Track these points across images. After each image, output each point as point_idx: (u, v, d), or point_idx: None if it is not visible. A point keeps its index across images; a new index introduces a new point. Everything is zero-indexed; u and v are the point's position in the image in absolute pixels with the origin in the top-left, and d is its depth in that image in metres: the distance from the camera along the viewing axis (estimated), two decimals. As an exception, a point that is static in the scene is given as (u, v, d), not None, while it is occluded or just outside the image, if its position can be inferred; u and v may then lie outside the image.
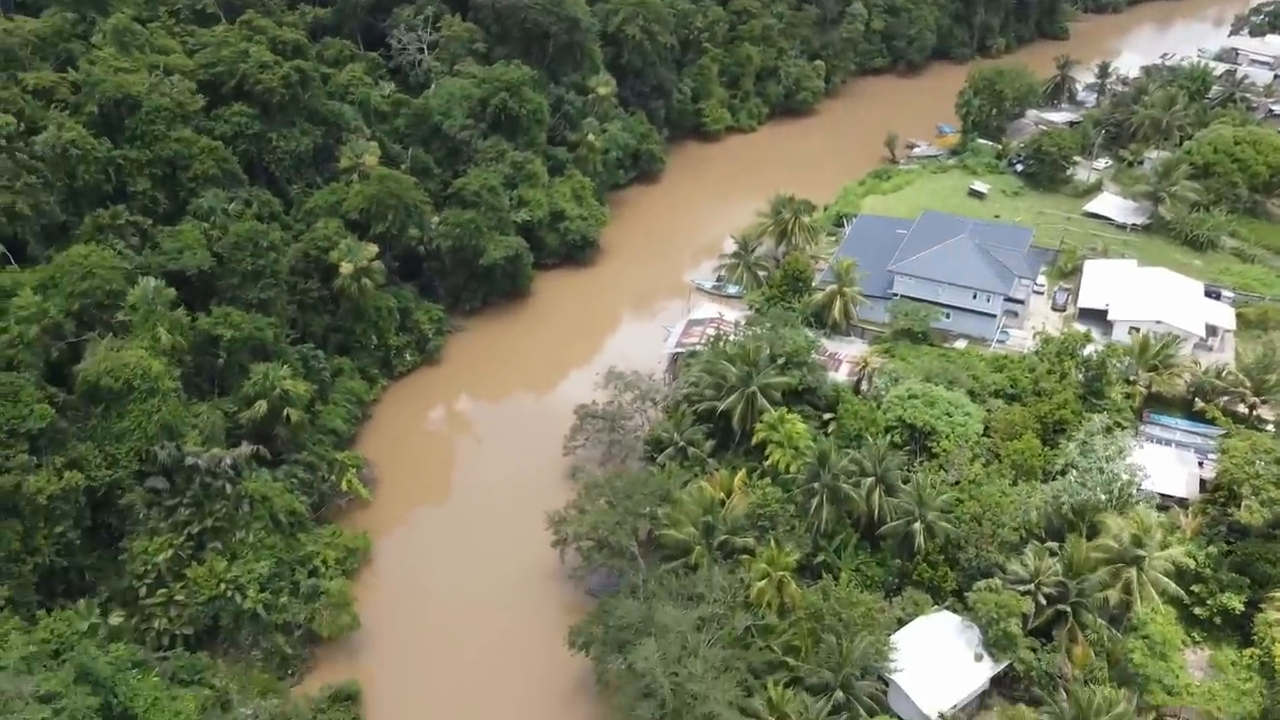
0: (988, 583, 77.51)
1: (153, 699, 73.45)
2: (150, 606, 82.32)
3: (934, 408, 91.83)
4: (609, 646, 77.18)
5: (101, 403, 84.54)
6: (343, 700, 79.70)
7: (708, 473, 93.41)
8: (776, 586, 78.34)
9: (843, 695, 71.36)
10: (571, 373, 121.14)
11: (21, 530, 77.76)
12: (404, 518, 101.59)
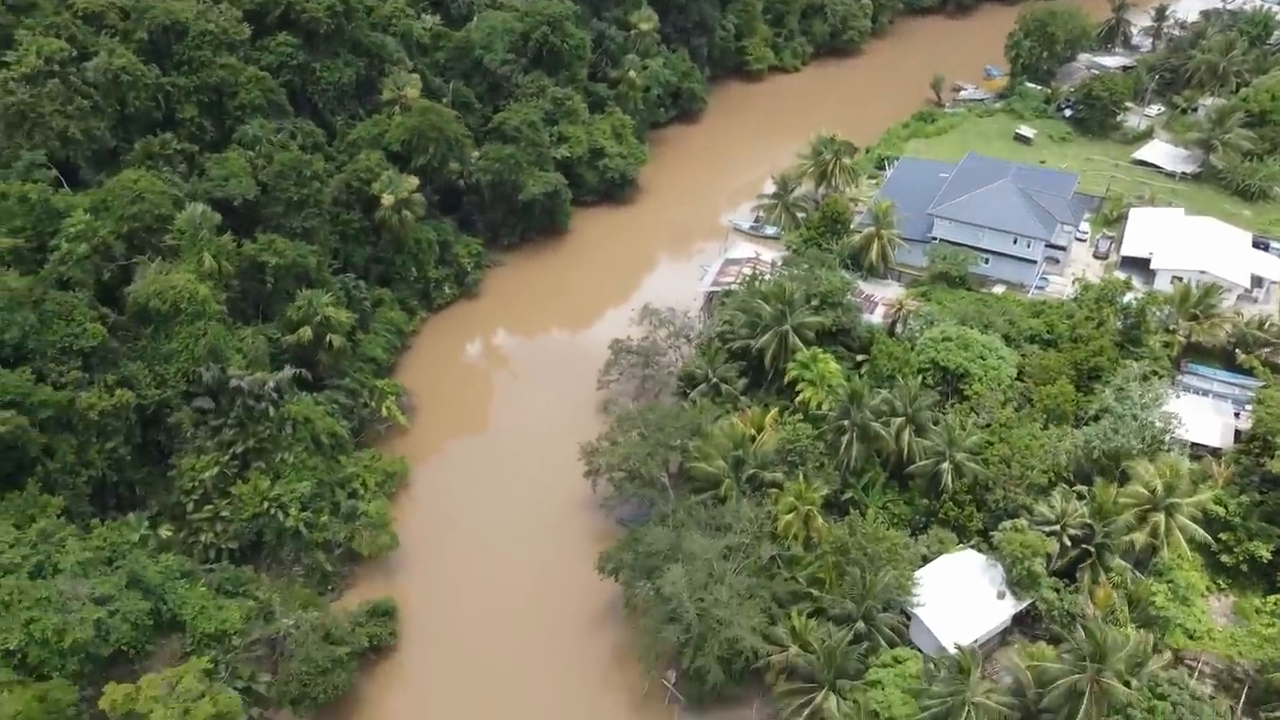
0: (1013, 523, 78.16)
1: (200, 607, 76.96)
2: (197, 521, 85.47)
3: (968, 351, 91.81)
4: (637, 572, 79.10)
5: (150, 324, 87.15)
6: (380, 615, 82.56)
7: (739, 410, 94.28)
8: (803, 520, 79.59)
9: (864, 626, 72.75)
10: (607, 310, 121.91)
11: (75, 444, 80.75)
12: (441, 445, 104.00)
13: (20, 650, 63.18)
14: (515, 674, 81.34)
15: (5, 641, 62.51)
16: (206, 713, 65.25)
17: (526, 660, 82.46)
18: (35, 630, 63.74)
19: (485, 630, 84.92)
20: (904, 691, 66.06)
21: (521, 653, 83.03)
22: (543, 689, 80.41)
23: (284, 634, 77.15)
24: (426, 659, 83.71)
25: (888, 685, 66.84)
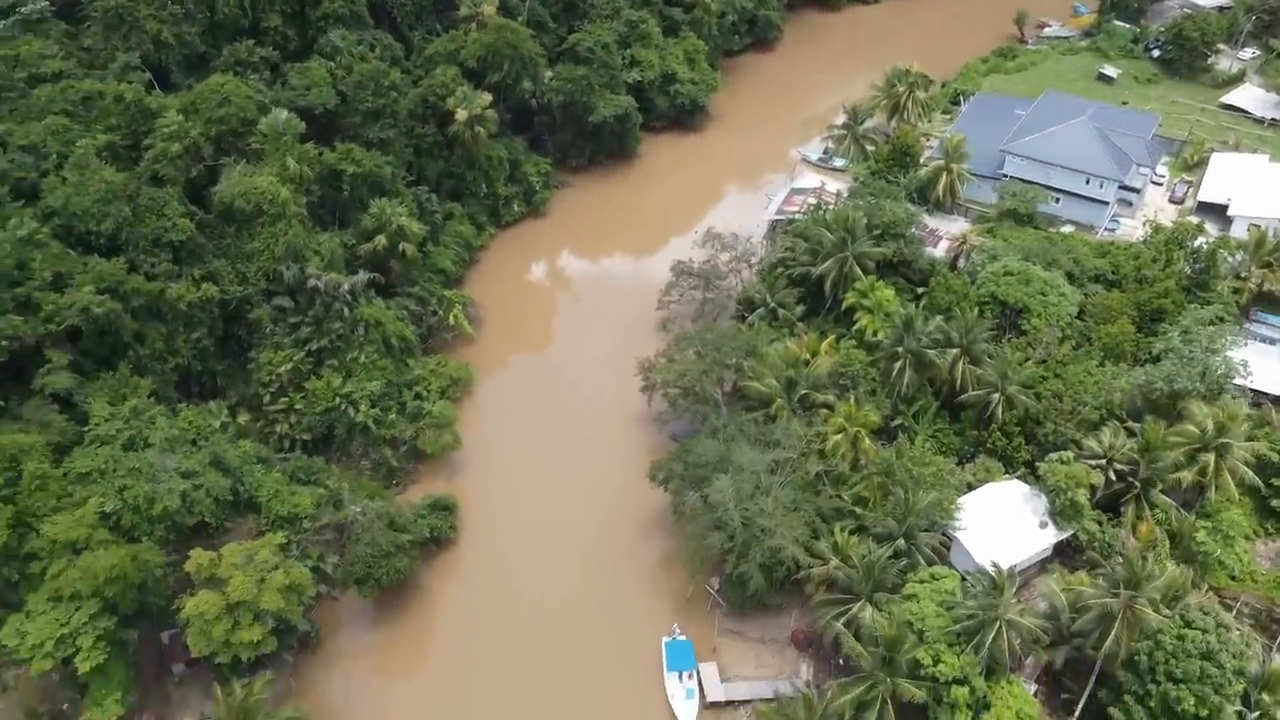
0: (1059, 454, 78.96)
1: (274, 491, 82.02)
2: (273, 412, 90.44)
3: (1029, 286, 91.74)
4: (687, 482, 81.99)
5: (234, 223, 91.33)
6: (441, 509, 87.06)
7: (795, 335, 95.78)
8: (851, 441, 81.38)
9: (905, 544, 74.76)
10: (671, 236, 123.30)
11: (164, 333, 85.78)
12: (504, 356, 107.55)
13: (115, 514, 68.53)
14: (566, 573, 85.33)
15: (102, 504, 67.88)
16: (280, 583, 70.18)
17: (577, 562, 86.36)
18: (128, 497, 69.02)
19: (539, 531, 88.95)
20: (939, 605, 68.07)
21: (573, 554, 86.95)
22: (591, 589, 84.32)
23: (351, 520, 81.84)
24: (482, 554, 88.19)
25: (923, 599, 68.87)
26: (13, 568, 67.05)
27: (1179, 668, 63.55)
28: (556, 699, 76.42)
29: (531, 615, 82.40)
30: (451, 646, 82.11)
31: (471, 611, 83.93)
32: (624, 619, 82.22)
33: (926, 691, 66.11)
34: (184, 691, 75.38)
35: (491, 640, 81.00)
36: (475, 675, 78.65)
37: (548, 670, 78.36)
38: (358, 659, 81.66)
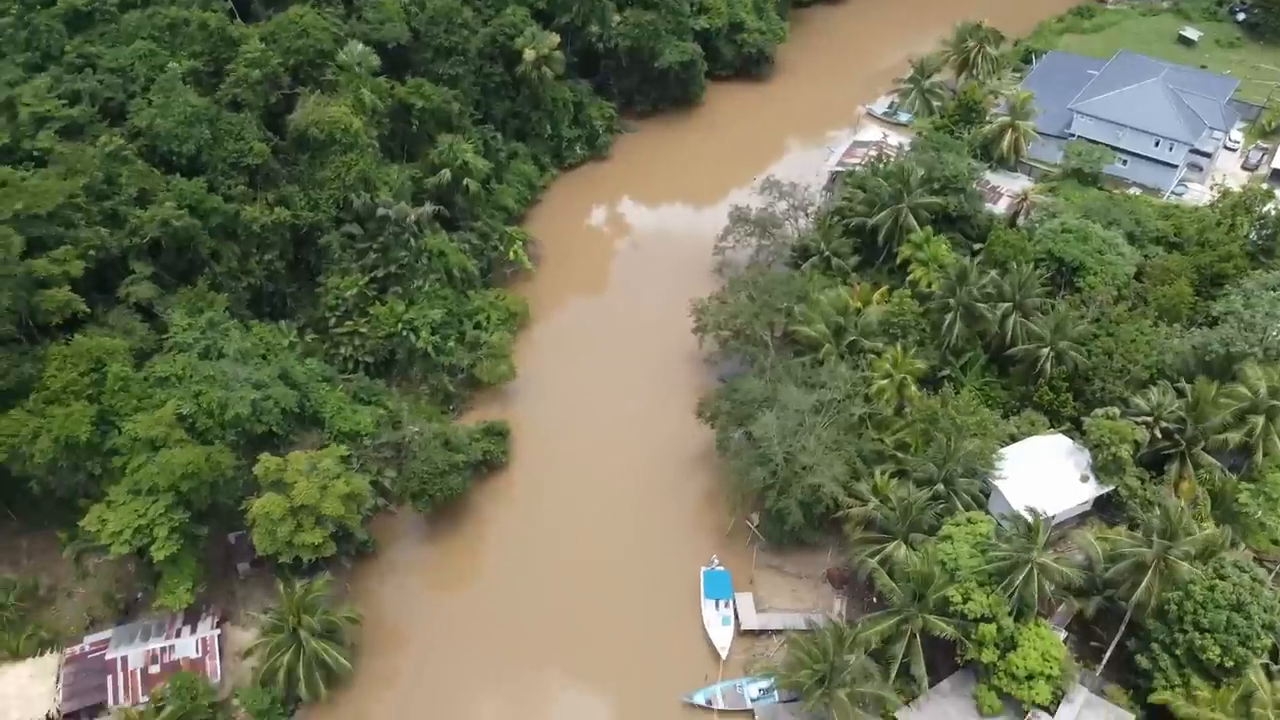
0: (1105, 410, 79.33)
1: (337, 408, 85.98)
2: (339, 335, 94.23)
3: (1086, 243, 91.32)
4: (732, 419, 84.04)
5: (308, 151, 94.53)
6: (495, 435, 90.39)
7: (848, 284, 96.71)
8: (897, 387, 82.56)
9: (944, 489, 76.11)
10: (731, 184, 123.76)
11: (239, 253, 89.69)
12: (561, 293, 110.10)
13: (191, 417, 72.72)
14: (612, 502, 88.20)
15: (179, 407, 72.10)
16: (341, 491, 74.03)
17: (623, 492, 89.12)
18: (203, 401, 73.16)
19: (588, 461, 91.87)
20: (973, 547, 69.48)
21: (619, 485, 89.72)
22: (635, 519, 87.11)
23: (409, 439, 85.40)
24: (532, 480, 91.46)
25: (958, 540, 70.26)
26: (96, 462, 71.71)
27: (1207, 618, 64.44)
28: (598, 620, 79.56)
29: (577, 540, 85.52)
30: (499, 565, 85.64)
31: (520, 533, 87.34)
32: (665, 548, 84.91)
33: (955, 628, 67.88)
34: (248, 589, 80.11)
35: (538, 561, 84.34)
36: (520, 593, 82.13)
37: (590, 593, 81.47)
38: (410, 571, 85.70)
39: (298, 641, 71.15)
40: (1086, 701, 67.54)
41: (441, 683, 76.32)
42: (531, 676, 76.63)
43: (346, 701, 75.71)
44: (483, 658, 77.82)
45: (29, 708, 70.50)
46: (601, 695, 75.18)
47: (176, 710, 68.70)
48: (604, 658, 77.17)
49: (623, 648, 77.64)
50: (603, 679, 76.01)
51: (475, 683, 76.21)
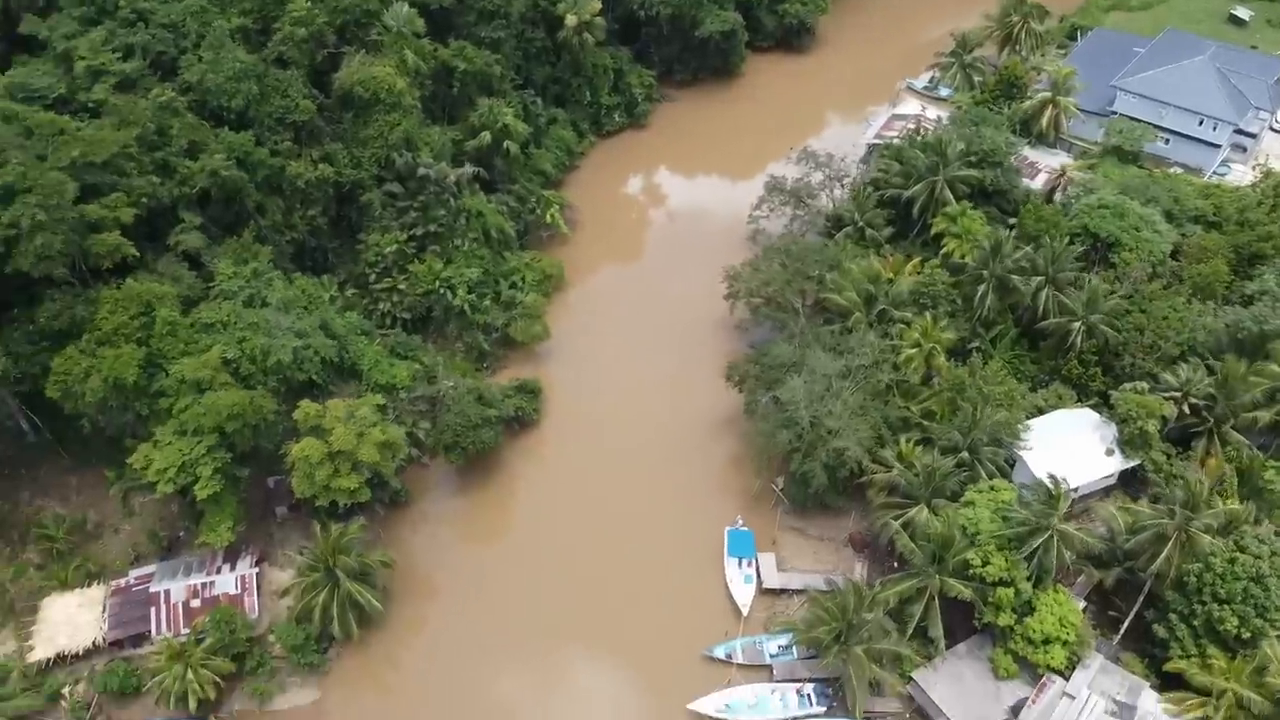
0: (1134, 385, 79.52)
1: (375, 361, 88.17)
2: (378, 291, 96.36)
3: (1123, 220, 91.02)
4: (760, 383, 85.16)
5: (352, 109, 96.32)
6: (527, 392, 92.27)
7: (881, 255, 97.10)
8: (925, 357, 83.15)
9: (968, 456, 76.85)
10: (769, 155, 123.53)
11: (283, 207, 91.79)
12: (595, 257, 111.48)
13: (235, 362, 75.04)
14: (640, 462, 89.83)
15: (224, 352, 74.45)
16: (377, 439, 76.22)
17: (651, 453, 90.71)
18: (247, 348, 75.43)
19: (618, 422, 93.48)
20: (994, 512, 70.31)
21: (647, 446, 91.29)
22: (662, 479, 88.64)
23: (443, 394, 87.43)
24: (562, 438, 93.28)
25: (979, 506, 71.10)
26: (143, 403, 74.29)
27: (1225, 589, 64.99)
28: (623, 575, 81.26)
29: (604, 498, 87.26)
30: (528, 520, 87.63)
31: (548, 489, 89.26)
32: (691, 508, 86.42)
33: (973, 591, 68.89)
34: (285, 532, 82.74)
35: (566, 517, 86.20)
36: (548, 548, 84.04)
37: (616, 549, 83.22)
38: (441, 522, 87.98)
39: (332, 581, 73.65)
40: (1101, 668, 68.32)
41: (469, 631, 78.50)
42: (557, 628, 78.42)
43: (378, 643, 78.23)
44: (510, 608, 79.86)
45: (77, 635, 73.63)
46: (625, 647, 76.97)
47: (216, 641, 71.50)
48: (628, 612, 78.95)
49: (646, 602, 79.39)
50: (626, 632, 77.77)
51: (502, 631, 78.26)
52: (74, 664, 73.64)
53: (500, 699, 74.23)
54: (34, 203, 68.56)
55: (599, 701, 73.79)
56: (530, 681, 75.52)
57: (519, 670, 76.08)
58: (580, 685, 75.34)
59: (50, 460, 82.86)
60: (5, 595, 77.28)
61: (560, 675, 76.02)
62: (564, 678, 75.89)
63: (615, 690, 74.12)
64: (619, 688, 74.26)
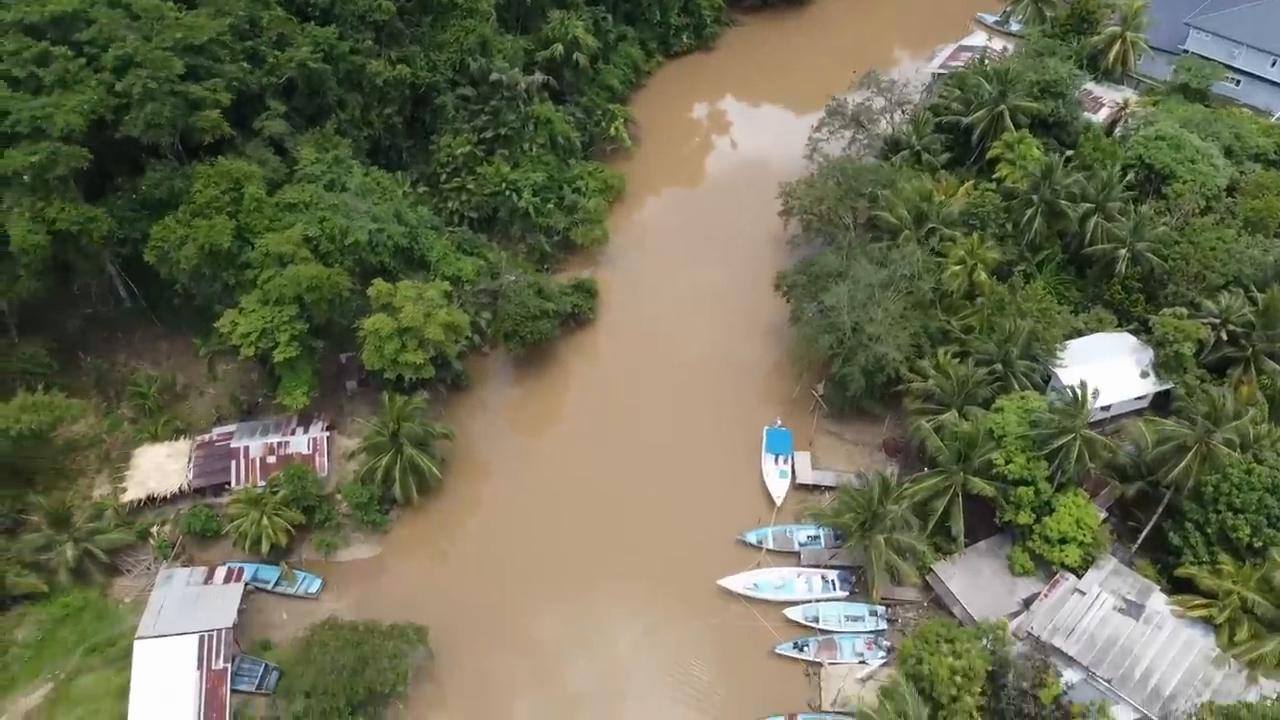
0: (1174, 310, 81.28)
1: (442, 253, 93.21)
2: (447, 190, 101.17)
3: (1179, 152, 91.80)
4: (807, 292, 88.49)
5: (431, 14, 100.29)
6: (584, 291, 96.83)
7: (936, 180, 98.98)
8: (969, 273, 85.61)
9: (1002, 368, 79.67)
10: (833, 86, 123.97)
11: (362, 103, 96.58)
12: (655, 172, 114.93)
13: (315, 240, 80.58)
14: (688, 364, 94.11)
15: (306, 229, 80.00)
16: (442, 319, 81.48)
17: (699, 356, 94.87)
18: (326, 227, 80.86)
19: (669, 326, 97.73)
20: (1021, 417, 73.34)
21: (695, 351, 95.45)
22: (708, 381, 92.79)
23: (505, 287, 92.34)
24: (615, 338, 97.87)
25: (1008, 412, 74.20)
26: (231, 273, 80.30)
27: (1240, 499, 67.58)
28: (667, 465, 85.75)
29: (652, 395, 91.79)
30: (579, 412, 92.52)
31: (599, 385, 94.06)
32: (734, 409, 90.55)
33: (995, 489, 72.35)
34: (354, 405, 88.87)
35: (615, 412, 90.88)
36: (597, 438, 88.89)
37: (661, 442, 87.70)
38: (498, 410, 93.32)
39: (396, 447, 79.57)
40: (1114, 570, 71.53)
41: (519, 510, 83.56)
42: (602, 511, 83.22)
43: (435, 511, 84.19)
44: (558, 492, 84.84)
45: (165, 480, 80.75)
46: (664, 529, 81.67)
47: (289, 493, 78.03)
48: (669, 498, 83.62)
49: (686, 491, 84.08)
50: (666, 516, 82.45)
51: (550, 512, 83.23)
52: (161, 507, 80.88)
53: (545, 570, 79.46)
54: (145, 75, 74.24)
55: (637, 573, 78.91)
56: (573, 556, 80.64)
57: (563, 546, 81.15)
58: (620, 560, 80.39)
59: (144, 326, 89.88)
60: (102, 445, 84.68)
61: (602, 552, 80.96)
62: (605, 554, 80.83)
63: (652, 565, 79.17)
64: (656, 563, 79.27)
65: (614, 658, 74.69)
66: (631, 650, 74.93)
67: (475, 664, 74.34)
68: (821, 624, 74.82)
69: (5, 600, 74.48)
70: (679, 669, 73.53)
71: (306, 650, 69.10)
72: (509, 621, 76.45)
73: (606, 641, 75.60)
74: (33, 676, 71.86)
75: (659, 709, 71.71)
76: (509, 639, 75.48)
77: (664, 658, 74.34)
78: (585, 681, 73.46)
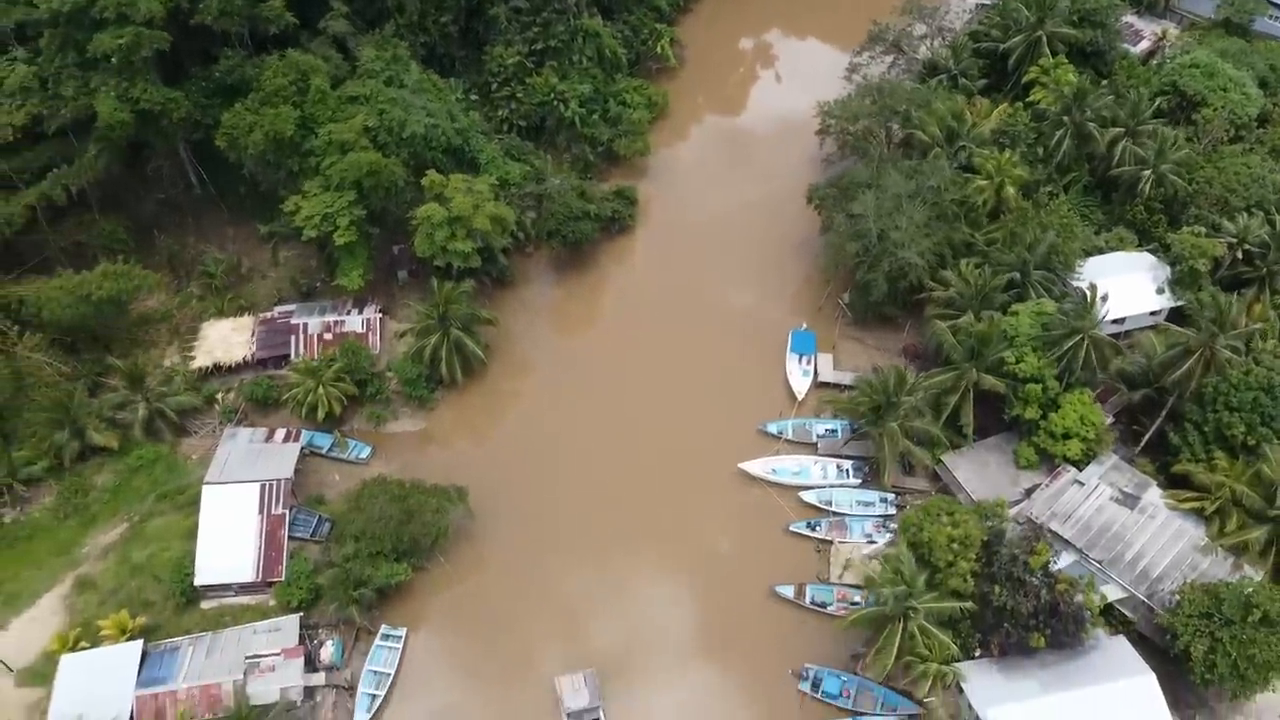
0: (1192, 228, 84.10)
1: (491, 157, 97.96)
2: (498, 99, 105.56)
3: (1212, 80, 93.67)
4: (838, 204, 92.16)
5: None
6: (624, 199, 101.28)
7: (971, 103, 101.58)
8: (996, 190, 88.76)
9: (1019, 277, 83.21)
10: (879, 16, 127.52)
11: (419, 9, 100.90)
12: (698, 93, 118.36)
13: (374, 130, 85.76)
14: (719, 272, 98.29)
15: (366, 120, 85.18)
16: (490, 211, 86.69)
17: (732, 264, 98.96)
18: (385, 119, 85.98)
19: (704, 235, 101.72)
20: (1034, 320, 77.12)
21: (729, 258, 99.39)
22: (740, 287, 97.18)
23: (549, 190, 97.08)
24: (652, 246, 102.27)
25: (1022, 315, 77.98)
26: (295, 160, 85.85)
27: (1237, 398, 71.15)
28: (695, 362, 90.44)
29: (685, 298, 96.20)
30: (615, 312, 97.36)
31: (635, 288, 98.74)
32: (762, 313, 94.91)
33: (1005, 386, 76.41)
34: (405, 293, 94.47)
35: (649, 314, 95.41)
36: (632, 335, 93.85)
37: (692, 341, 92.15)
38: (539, 310, 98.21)
39: (444, 329, 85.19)
40: (1114, 465, 75.61)
41: (557, 401, 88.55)
42: (634, 402, 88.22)
43: (477, 395, 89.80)
44: (595, 382, 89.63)
45: (230, 351, 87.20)
46: (690, 417, 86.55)
47: (344, 366, 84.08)
48: (698, 391, 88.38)
49: (714, 384, 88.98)
50: (693, 406, 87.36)
51: (585, 402, 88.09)
52: (226, 376, 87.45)
53: (578, 453, 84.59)
54: (217, -36, 79.65)
55: (664, 456, 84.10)
56: (605, 442, 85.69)
57: (596, 432, 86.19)
58: (649, 445, 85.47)
59: (212, 212, 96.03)
60: (172, 319, 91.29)
61: (632, 438, 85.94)
62: (635, 440, 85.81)
63: (677, 447, 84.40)
64: (681, 445, 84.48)
65: (639, 529, 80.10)
66: (656, 522, 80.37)
67: (511, 531, 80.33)
68: (834, 507, 79.84)
69: (86, 451, 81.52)
70: (700, 537, 79.03)
71: (357, 501, 75.54)
72: (544, 496, 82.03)
73: (633, 515, 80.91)
74: (111, 517, 79.17)
75: (680, 572, 77.31)
76: (544, 511, 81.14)
77: (686, 528, 79.81)
78: (613, 544, 79.11)
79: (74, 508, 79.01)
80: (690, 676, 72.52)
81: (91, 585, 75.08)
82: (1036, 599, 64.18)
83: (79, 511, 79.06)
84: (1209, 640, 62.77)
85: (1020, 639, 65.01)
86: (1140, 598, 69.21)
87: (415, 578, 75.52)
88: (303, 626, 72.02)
